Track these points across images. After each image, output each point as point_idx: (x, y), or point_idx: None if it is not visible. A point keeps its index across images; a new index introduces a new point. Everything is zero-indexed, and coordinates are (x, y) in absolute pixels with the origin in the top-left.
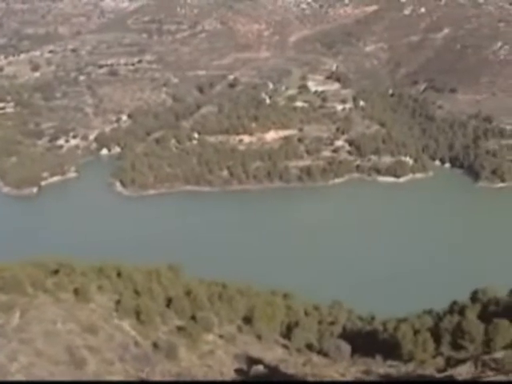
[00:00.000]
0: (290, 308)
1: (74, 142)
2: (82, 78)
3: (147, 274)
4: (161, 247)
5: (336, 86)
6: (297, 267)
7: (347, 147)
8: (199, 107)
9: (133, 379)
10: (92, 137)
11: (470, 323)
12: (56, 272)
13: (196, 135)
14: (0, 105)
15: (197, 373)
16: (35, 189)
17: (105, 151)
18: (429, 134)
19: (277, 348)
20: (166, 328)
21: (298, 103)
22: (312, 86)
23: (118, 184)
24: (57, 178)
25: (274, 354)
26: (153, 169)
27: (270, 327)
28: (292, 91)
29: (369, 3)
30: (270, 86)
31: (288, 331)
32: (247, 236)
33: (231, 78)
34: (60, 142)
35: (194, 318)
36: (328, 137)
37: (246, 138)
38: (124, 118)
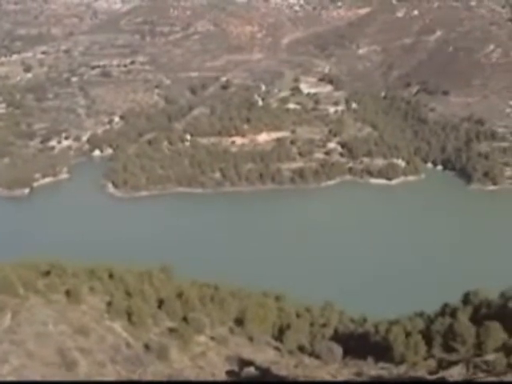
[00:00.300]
0: (281, 310)
1: (66, 143)
2: (74, 79)
3: (139, 276)
4: (153, 248)
5: (328, 88)
6: (289, 269)
7: (339, 149)
8: (191, 109)
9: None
10: (84, 138)
11: (461, 325)
12: (47, 273)
13: (188, 137)
14: None
15: (188, 374)
16: (27, 190)
17: (97, 152)
18: (421, 137)
19: (268, 350)
20: (158, 329)
21: (291, 105)
22: (304, 88)
23: (110, 185)
24: (49, 179)
25: (265, 356)
26: (145, 170)
27: (262, 329)
28: (284, 93)
29: (362, 5)
30: (263, 87)
31: (280, 333)
32: (239, 238)
33: (224, 79)
34: (52, 143)
35: (185, 319)
36: (320, 139)
37: (239, 139)
38: (116, 119)
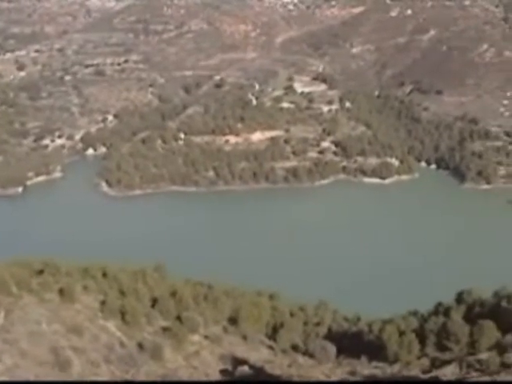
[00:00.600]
0: (275, 309)
1: (59, 141)
2: (68, 77)
3: (133, 275)
4: (146, 247)
5: (322, 87)
6: (283, 268)
7: (333, 148)
8: (185, 107)
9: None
10: (78, 137)
11: (455, 324)
12: (41, 272)
13: (182, 135)
14: None
15: (182, 374)
16: (20, 188)
17: (90, 151)
18: (414, 136)
19: (262, 349)
20: (152, 328)
21: (285, 104)
22: (298, 87)
23: (103, 184)
24: (42, 178)
25: (259, 355)
26: (139, 169)
27: (256, 328)
28: (278, 92)
29: (355, 5)
30: (257, 86)
31: (273, 332)
32: (233, 236)
33: (217, 78)
34: (46, 141)
35: (179, 318)
36: (314, 138)
37: (232, 138)
38: (110, 117)
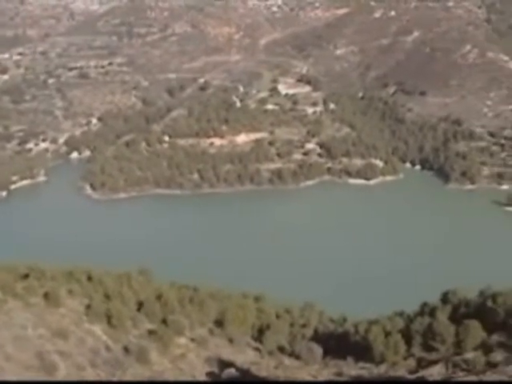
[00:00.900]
0: (261, 311)
1: (43, 145)
2: (51, 80)
3: (118, 278)
4: (131, 251)
5: (307, 88)
6: (268, 269)
7: (318, 150)
8: (170, 110)
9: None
10: (62, 140)
11: (440, 325)
12: (26, 276)
13: (166, 138)
14: None
15: (168, 376)
16: (4, 192)
17: (75, 154)
18: (399, 137)
19: (248, 351)
20: (137, 332)
21: (269, 106)
22: (283, 88)
23: (87, 187)
24: (26, 182)
25: (245, 357)
26: (123, 172)
27: (242, 330)
28: (263, 94)
29: (339, 6)
30: (241, 88)
31: (260, 334)
32: (218, 239)
33: (202, 81)
34: (29, 145)
35: (165, 321)
36: (299, 139)
37: (217, 140)
38: (94, 121)
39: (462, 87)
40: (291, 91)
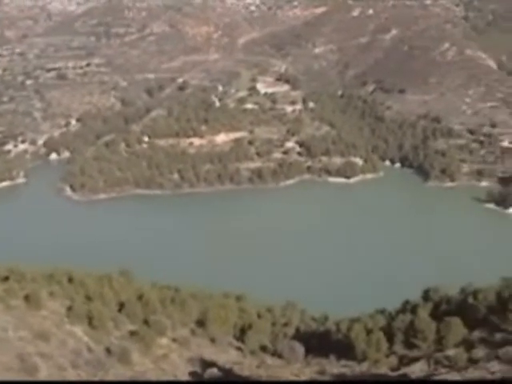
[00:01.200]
0: (243, 310)
1: (22, 146)
2: (29, 81)
3: (99, 279)
4: (112, 251)
5: (285, 87)
6: (249, 269)
7: (298, 149)
8: (149, 110)
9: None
10: (41, 141)
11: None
12: (6, 278)
13: (146, 139)
14: None
15: (151, 377)
16: None
17: (54, 156)
18: (378, 135)
19: (231, 350)
20: (119, 333)
21: (248, 105)
22: (262, 87)
23: (67, 188)
24: (5, 183)
25: (227, 357)
26: (103, 173)
27: (224, 330)
28: (242, 93)
29: (317, 5)
30: (220, 88)
31: (241, 333)
32: (198, 239)
33: (180, 80)
34: (8, 146)
35: (146, 322)
36: (278, 138)
37: (197, 140)
38: (73, 122)
39: (440, 85)
40: (270, 90)
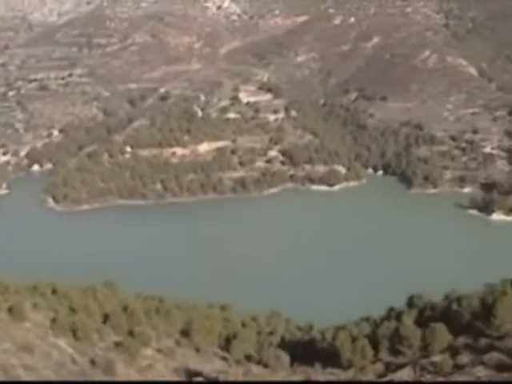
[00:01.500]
0: (227, 320)
1: (4, 158)
2: (11, 93)
3: (83, 291)
4: (96, 263)
5: (268, 96)
6: (233, 279)
7: (280, 157)
8: (131, 121)
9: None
10: (23, 153)
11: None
12: None
13: (128, 149)
14: None
15: None
16: None
17: (36, 167)
18: (361, 143)
19: (216, 360)
20: (104, 344)
21: (231, 115)
22: (244, 97)
23: (50, 200)
24: None
25: (213, 366)
26: (85, 184)
27: (209, 340)
28: (224, 103)
29: (299, 14)
30: (202, 98)
31: (226, 343)
32: (182, 249)
33: (163, 90)
34: None
35: (131, 333)
36: (261, 147)
37: (179, 150)
38: (55, 133)
39: (422, 92)
40: (252, 99)
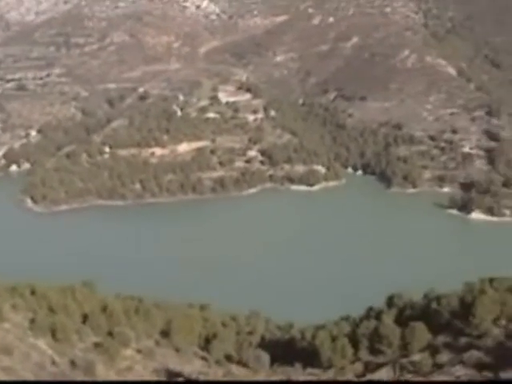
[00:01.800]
0: (207, 320)
1: None
2: None
3: (62, 291)
4: (74, 263)
5: (247, 96)
6: (213, 279)
7: (260, 157)
8: (110, 121)
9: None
10: (0, 153)
11: (386, 328)
12: None
13: (107, 149)
14: None
15: None
16: None
17: (14, 167)
18: (340, 142)
19: (196, 360)
20: (83, 345)
21: (210, 114)
22: (223, 96)
23: (28, 200)
24: None
25: (193, 367)
26: (64, 184)
27: (188, 340)
28: (203, 102)
29: (278, 14)
30: (181, 97)
31: (206, 343)
32: (162, 249)
33: (141, 90)
34: None
35: (110, 333)
36: (240, 147)
37: (158, 150)
38: (33, 133)
39: (401, 92)
40: (232, 99)
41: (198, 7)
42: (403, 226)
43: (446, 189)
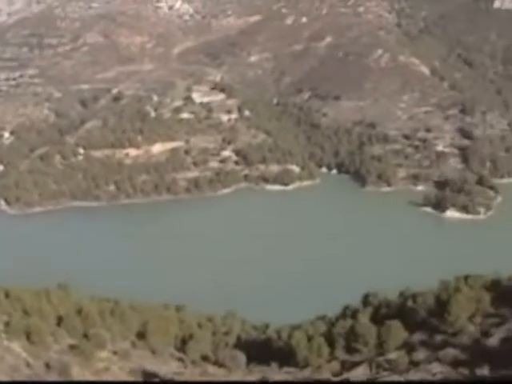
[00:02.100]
0: (183, 321)
1: None
2: None
3: (36, 294)
4: (49, 265)
5: (221, 96)
6: (188, 279)
7: (234, 157)
8: (83, 122)
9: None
10: None
11: (362, 326)
12: None
13: (81, 150)
14: None
15: None
16: None
17: None
18: (314, 142)
19: (172, 361)
20: (58, 347)
21: (184, 115)
22: (197, 97)
23: (2, 202)
24: None
25: (169, 368)
26: (38, 186)
27: (164, 341)
28: (177, 103)
29: (251, 13)
30: (155, 98)
31: (182, 344)
32: (136, 250)
33: (115, 91)
34: None
35: (86, 335)
36: (215, 147)
37: (132, 151)
38: (6, 134)
39: (375, 91)
40: (206, 99)
41: (171, 7)
42: (378, 225)
43: (421, 187)
